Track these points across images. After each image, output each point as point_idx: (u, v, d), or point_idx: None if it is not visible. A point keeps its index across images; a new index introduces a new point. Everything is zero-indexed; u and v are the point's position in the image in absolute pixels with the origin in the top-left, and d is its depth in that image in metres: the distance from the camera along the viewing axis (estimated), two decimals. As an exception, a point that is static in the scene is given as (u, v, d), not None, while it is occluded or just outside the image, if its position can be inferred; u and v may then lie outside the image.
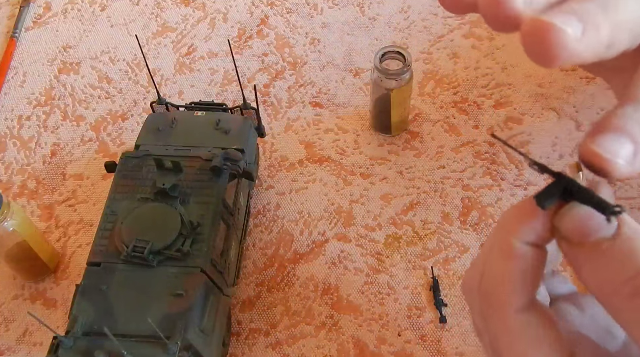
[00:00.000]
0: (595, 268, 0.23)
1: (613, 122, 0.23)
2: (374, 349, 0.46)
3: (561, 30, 0.21)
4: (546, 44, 0.21)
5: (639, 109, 0.23)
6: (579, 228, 0.23)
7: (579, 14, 0.22)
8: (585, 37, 0.22)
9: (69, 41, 0.66)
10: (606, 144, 0.22)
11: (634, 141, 0.22)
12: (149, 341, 0.39)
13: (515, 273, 0.25)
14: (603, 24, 0.22)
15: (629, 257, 0.22)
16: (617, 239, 0.22)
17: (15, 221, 0.45)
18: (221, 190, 0.45)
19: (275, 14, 0.66)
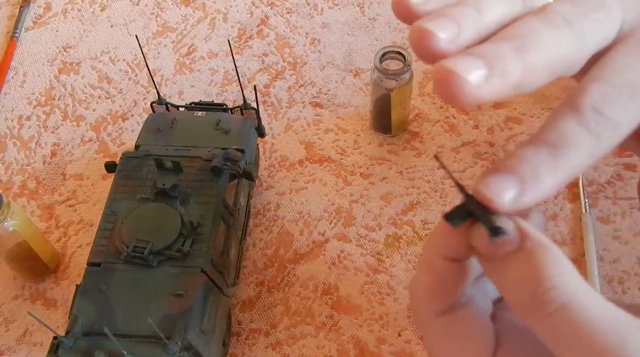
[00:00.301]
0: (502, 281, 0.25)
1: (506, 163, 0.24)
2: (374, 349, 0.46)
3: (462, 79, 0.22)
4: (448, 89, 0.22)
5: (538, 152, 0.24)
6: (484, 245, 0.25)
7: (489, 58, 0.23)
8: (488, 83, 0.23)
9: (68, 41, 0.66)
10: (492, 184, 0.24)
11: (521, 183, 0.24)
12: (149, 341, 0.39)
13: (435, 284, 0.27)
14: (513, 69, 0.23)
15: (525, 271, 0.24)
16: (518, 255, 0.24)
17: (15, 221, 0.45)
18: (221, 190, 0.45)
19: (275, 14, 0.66)
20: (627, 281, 0.48)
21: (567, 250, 0.49)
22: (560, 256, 0.24)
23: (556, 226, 0.50)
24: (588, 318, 0.22)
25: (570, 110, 0.24)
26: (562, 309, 0.23)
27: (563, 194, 0.52)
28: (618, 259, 0.49)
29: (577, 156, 0.24)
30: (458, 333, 0.27)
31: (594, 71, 0.26)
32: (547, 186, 0.24)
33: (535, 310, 0.23)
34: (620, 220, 0.50)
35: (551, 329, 0.23)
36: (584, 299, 0.23)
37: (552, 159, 0.24)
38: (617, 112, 0.24)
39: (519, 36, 0.24)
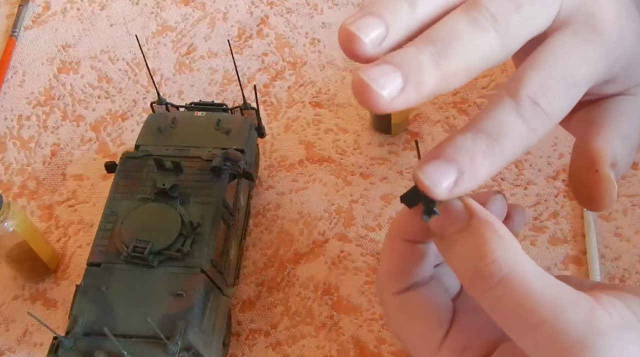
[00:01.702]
0: (450, 258, 0.26)
1: (443, 149, 0.25)
2: (374, 349, 0.46)
3: (376, 93, 0.23)
4: (363, 99, 0.23)
5: (476, 140, 0.24)
6: (434, 225, 0.26)
7: (405, 69, 0.23)
8: (402, 95, 0.23)
9: (68, 40, 0.66)
10: (429, 172, 0.24)
11: (458, 170, 0.24)
12: (149, 341, 0.39)
13: (393, 264, 0.29)
14: (428, 80, 0.23)
15: (470, 246, 0.25)
16: (464, 232, 0.25)
17: (15, 221, 0.45)
18: (221, 190, 0.45)
19: (275, 14, 0.66)
20: (629, 278, 0.48)
21: (568, 248, 0.49)
22: (503, 231, 0.25)
23: (557, 223, 0.50)
24: (527, 289, 0.23)
25: (509, 99, 0.25)
26: (502, 282, 0.24)
27: (564, 192, 0.52)
28: (620, 256, 0.49)
29: (511, 146, 0.25)
30: (412, 310, 0.29)
31: (533, 58, 0.26)
32: (482, 174, 0.24)
33: (478, 283, 0.24)
34: (622, 217, 0.50)
35: (493, 301, 0.24)
36: (523, 272, 0.24)
37: (489, 148, 0.24)
38: (551, 104, 0.25)
39: (441, 41, 0.24)
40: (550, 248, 0.49)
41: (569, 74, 0.26)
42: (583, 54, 0.26)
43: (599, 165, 0.30)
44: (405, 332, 0.29)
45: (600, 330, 0.22)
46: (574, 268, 0.48)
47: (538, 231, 0.50)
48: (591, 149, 0.30)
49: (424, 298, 0.29)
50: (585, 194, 0.31)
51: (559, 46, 0.26)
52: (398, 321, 0.29)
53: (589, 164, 0.30)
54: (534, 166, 0.54)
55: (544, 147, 0.54)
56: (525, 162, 0.54)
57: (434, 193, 0.24)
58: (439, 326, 0.28)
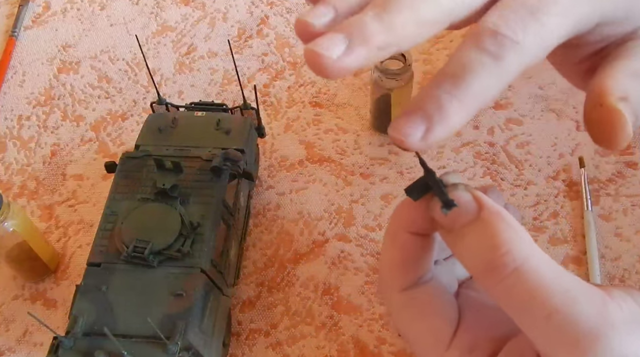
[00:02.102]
0: (461, 250, 0.26)
1: (412, 102, 0.25)
2: (374, 349, 0.46)
3: (323, 56, 0.23)
4: (315, 67, 0.23)
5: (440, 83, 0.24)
6: (443, 217, 0.26)
7: (348, 29, 0.23)
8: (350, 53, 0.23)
9: (68, 40, 0.66)
10: (399, 125, 0.24)
11: (427, 117, 0.24)
12: (149, 341, 0.39)
13: (398, 259, 0.28)
14: (375, 33, 0.23)
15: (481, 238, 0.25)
16: (474, 224, 0.25)
17: (15, 221, 0.45)
18: (221, 190, 0.45)
19: (275, 14, 0.66)
20: (629, 279, 0.48)
21: (568, 248, 0.49)
22: (513, 222, 0.25)
23: (557, 223, 0.50)
24: (540, 280, 0.23)
25: (470, 39, 0.25)
26: (515, 272, 0.24)
27: (564, 192, 0.52)
28: (620, 256, 0.49)
29: (479, 81, 0.24)
30: (420, 308, 0.28)
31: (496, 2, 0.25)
32: (453, 117, 0.24)
33: (491, 274, 0.24)
34: (622, 217, 0.50)
35: (506, 292, 0.24)
36: (536, 262, 0.24)
37: (455, 88, 0.24)
38: (517, 31, 0.24)
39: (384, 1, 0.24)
40: (550, 248, 0.49)
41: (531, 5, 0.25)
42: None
43: (603, 99, 0.27)
44: (411, 330, 0.29)
45: (612, 323, 0.22)
46: (574, 268, 0.48)
47: (538, 231, 0.50)
48: (595, 84, 0.28)
49: (430, 295, 0.29)
50: (598, 133, 0.28)
51: None
52: (404, 319, 0.29)
53: (596, 99, 0.28)
54: (534, 166, 0.54)
55: (544, 147, 0.54)
56: (525, 162, 0.54)
57: (408, 145, 0.24)
58: (447, 324, 0.28)
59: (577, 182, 0.52)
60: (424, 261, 0.29)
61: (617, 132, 0.27)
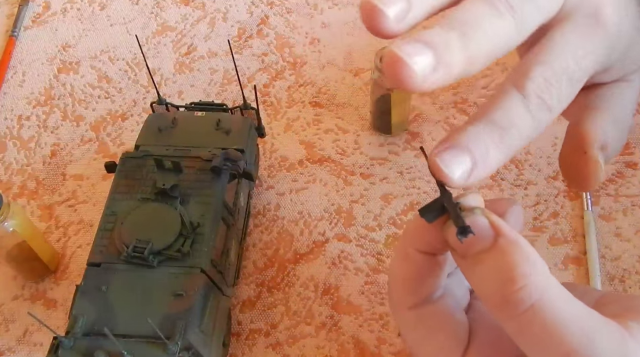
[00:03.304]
0: (474, 278, 0.25)
1: (458, 139, 0.25)
2: (374, 349, 0.46)
3: (411, 69, 0.23)
4: (397, 76, 0.23)
5: (488, 131, 0.25)
6: (457, 242, 0.25)
7: (437, 48, 0.23)
8: (434, 74, 0.23)
9: (68, 40, 0.66)
10: (447, 160, 0.24)
11: (473, 160, 0.24)
12: (149, 341, 0.39)
13: (409, 276, 0.28)
14: (457, 61, 0.24)
15: (497, 268, 0.24)
16: (490, 252, 0.24)
17: (15, 221, 0.45)
18: (221, 190, 0.45)
19: (275, 14, 0.66)
20: (629, 279, 0.48)
21: (568, 248, 0.49)
22: (531, 253, 0.24)
23: (557, 223, 0.50)
24: (557, 318, 0.23)
25: (517, 93, 0.25)
26: (531, 309, 0.23)
27: (564, 192, 0.52)
28: (620, 256, 0.49)
29: (519, 137, 0.25)
30: (429, 327, 0.28)
31: (538, 51, 0.26)
32: (493, 165, 0.25)
33: (505, 308, 0.23)
34: (622, 217, 0.50)
35: (521, 328, 0.23)
36: (553, 298, 0.23)
37: (500, 139, 0.25)
38: (554, 97, 0.26)
39: (465, 24, 0.24)
40: (550, 248, 0.49)
41: (571, 68, 0.26)
42: (585, 47, 0.27)
43: (588, 147, 0.30)
44: (421, 349, 0.28)
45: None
46: (574, 268, 0.48)
47: (538, 231, 0.50)
48: (582, 132, 0.31)
49: (440, 314, 0.28)
50: (573, 174, 0.31)
51: (563, 39, 0.27)
52: (414, 337, 0.28)
53: (579, 146, 0.31)
54: (534, 166, 0.54)
55: (544, 147, 0.54)
56: (525, 162, 0.54)
57: (449, 181, 0.24)
58: (457, 344, 0.27)
59: (577, 182, 0.52)
60: (435, 280, 0.28)
61: (591, 178, 0.30)
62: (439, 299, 0.28)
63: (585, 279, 0.48)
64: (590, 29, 0.27)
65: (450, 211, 0.25)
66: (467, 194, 0.26)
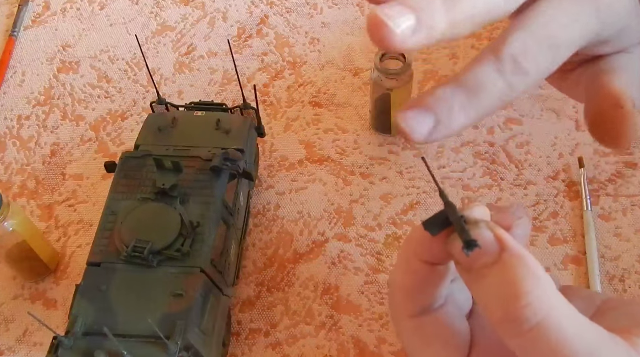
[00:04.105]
0: (478, 292, 0.25)
1: (426, 100, 0.26)
2: (374, 349, 0.46)
3: (392, 31, 0.23)
4: (378, 37, 0.24)
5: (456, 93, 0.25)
6: (461, 255, 0.25)
7: (419, 11, 0.24)
8: (415, 36, 0.24)
9: (68, 40, 0.66)
10: (410, 119, 0.25)
11: (436, 119, 0.25)
12: (149, 341, 0.39)
13: (410, 285, 0.28)
14: (439, 24, 0.24)
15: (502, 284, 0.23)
16: (495, 267, 0.24)
17: (15, 221, 0.45)
18: (221, 190, 0.45)
19: (274, 14, 0.66)
20: (628, 279, 0.48)
21: (568, 248, 0.49)
22: (537, 269, 0.23)
23: (557, 223, 0.50)
24: (563, 338, 0.22)
25: (492, 57, 0.26)
26: (536, 328, 0.22)
27: (564, 192, 0.52)
28: (619, 256, 0.49)
29: (489, 100, 0.26)
30: (429, 336, 0.28)
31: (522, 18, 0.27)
32: (457, 125, 0.25)
33: (509, 326, 0.23)
34: (622, 217, 0.50)
35: (525, 346, 0.23)
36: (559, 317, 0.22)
37: (468, 101, 0.25)
38: (532, 63, 0.26)
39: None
40: (550, 248, 0.49)
41: (553, 37, 0.26)
42: (573, 17, 0.27)
43: (625, 102, 0.30)
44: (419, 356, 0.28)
45: None
46: (574, 268, 0.48)
47: (538, 231, 0.50)
48: (615, 88, 0.30)
49: (441, 324, 0.28)
50: (609, 132, 0.31)
51: (549, 7, 0.27)
52: (414, 346, 0.28)
53: (615, 102, 0.30)
54: (534, 166, 0.54)
55: (544, 147, 0.55)
56: (525, 162, 0.54)
57: (413, 138, 0.25)
58: (457, 353, 0.27)
59: (577, 182, 0.52)
60: (436, 289, 0.28)
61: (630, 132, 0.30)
62: (440, 307, 0.28)
63: (585, 279, 0.48)
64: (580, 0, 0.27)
65: (455, 225, 0.24)
66: (473, 207, 0.26)
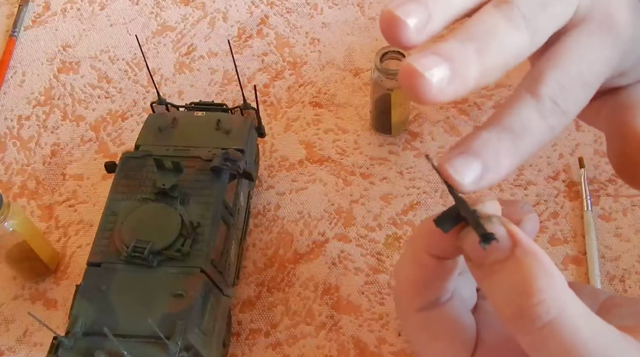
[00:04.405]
0: (489, 288, 0.24)
1: (469, 144, 0.25)
2: (374, 349, 0.46)
3: (427, 81, 0.23)
4: (413, 89, 0.23)
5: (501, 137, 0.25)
6: (473, 250, 0.25)
7: (453, 61, 0.23)
8: (450, 85, 0.23)
9: (68, 40, 0.66)
10: (457, 164, 0.24)
11: (484, 165, 0.25)
12: (149, 341, 0.39)
13: (418, 279, 0.27)
14: (473, 73, 0.24)
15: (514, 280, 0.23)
16: (507, 262, 0.24)
17: (15, 221, 0.45)
18: (221, 190, 0.45)
19: (275, 14, 0.66)
20: (629, 279, 0.48)
21: (568, 248, 0.49)
22: (549, 265, 0.23)
23: (557, 224, 0.50)
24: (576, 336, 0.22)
25: (531, 98, 0.25)
26: (549, 326, 0.22)
27: (564, 192, 0.52)
28: (619, 256, 0.49)
29: (532, 143, 0.25)
30: (436, 330, 0.28)
31: (552, 57, 0.27)
32: (505, 170, 0.25)
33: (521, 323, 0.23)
34: (622, 217, 0.50)
35: (536, 344, 0.23)
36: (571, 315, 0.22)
37: (513, 145, 0.25)
38: (569, 103, 0.26)
39: (481, 36, 0.24)
40: (550, 248, 0.49)
41: (585, 73, 0.26)
42: (599, 52, 0.27)
43: None
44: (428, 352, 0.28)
45: None
46: (574, 268, 0.48)
47: (538, 231, 0.50)
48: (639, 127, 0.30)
49: (448, 318, 0.28)
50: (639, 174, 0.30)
51: (576, 45, 0.27)
52: (420, 340, 0.28)
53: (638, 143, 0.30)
54: (534, 166, 0.54)
55: (544, 148, 0.54)
56: (525, 162, 0.54)
57: (459, 186, 0.24)
58: (464, 348, 0.27)
59: (577, 182, 0.52)
60: (444, 283, 0.28)
61: None
62: (447, 301, 0.28)
63: (585, 279, 0.48)
64: (604, 34, 0.27)
65: (469, 219, 0.24)
66: (485, 201, 0.26)
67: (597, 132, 0.55)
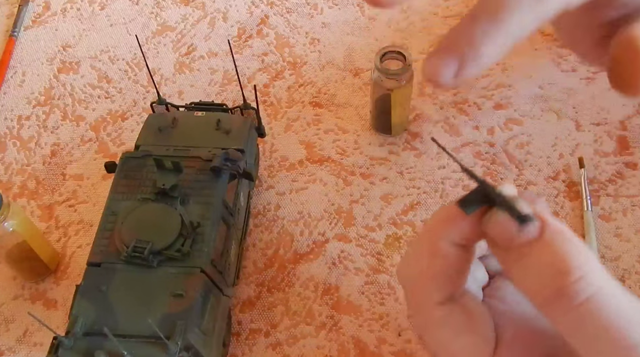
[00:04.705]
0: (519, 271, 0.24)
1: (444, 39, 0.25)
2: (374, 349, 0.46)
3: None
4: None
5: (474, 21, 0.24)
6: (501, 233, 0.24)
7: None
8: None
9: (68, 40, 0.66)
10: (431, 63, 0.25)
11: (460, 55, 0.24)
12: (149, 341, 0.39)
13: (439, 270, 0.26)
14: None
15: (548, 260, 0.23)
16: (538, 243, 0.23)
17: (15, 221, 0.45)
18: (221, 190, 0.45)
19: (275, 14, 0.66)
20: (629, 279, 0.48)
21: (567, 249, 0.49)
22: (581, 244, 0.23)
23: (556, 225, 0.50)
24: (616, 311, 0.21)
25: None
26: (589, 301, 0.22)
27: (564, 192, 0.52)
28: (620, 256, 0.49)
29: (517, 19, 0.24)
30: (459, 326, 0.26)
31: None
32: (485, 55, 0.24)
33: (559, 303, 0.22)
34: (622, 217, 0.50)
35: (576, 322, 0.22)
36: (612, 290, 0.22)
37: (490, 25, 0.24)
38: None
39: None
40: (550, 248, 0.49)
41: None
42: None
43: None
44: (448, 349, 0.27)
45: None
46: (574, 268, 0.48)
47: (538, 231, 0.50)
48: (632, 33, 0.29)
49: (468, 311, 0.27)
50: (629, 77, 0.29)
51: None
52: (441, 337, 0.27)
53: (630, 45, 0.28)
54: (534, 166, 0.54)
55: (544, 148, 0.54)
56: (525, 163, 0.54)
57: (440, 82, 0.24)
58: (487, 343, 0.26)
59: (577, 182, 0.52)
60: (465, 273, 0.27)
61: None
62: (464, 295, 0.27)
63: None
64: None
65: (498, 201, 0.23)
66: (504, 185, 0.25)
67: (597, 132, 0.55)
